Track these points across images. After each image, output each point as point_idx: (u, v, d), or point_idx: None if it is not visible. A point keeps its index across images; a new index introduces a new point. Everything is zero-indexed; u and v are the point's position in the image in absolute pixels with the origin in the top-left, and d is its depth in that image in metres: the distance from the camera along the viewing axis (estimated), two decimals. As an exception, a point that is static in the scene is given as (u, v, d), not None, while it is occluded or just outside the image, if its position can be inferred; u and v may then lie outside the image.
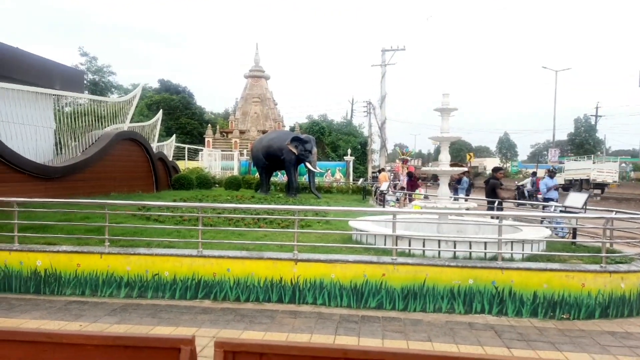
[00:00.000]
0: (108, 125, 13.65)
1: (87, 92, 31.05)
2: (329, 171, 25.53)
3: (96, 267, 5.64)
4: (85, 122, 12.58)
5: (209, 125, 37.28)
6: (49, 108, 11.70)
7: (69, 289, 5.65)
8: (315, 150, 16.16)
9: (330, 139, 38.46)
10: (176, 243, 6.14)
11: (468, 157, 42.37)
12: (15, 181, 8.99)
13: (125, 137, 13.66)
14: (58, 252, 5.72)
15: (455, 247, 5.86)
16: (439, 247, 5.86)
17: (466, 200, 11.07)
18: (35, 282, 5.69)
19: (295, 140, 15.49)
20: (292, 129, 36.83)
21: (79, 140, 12.25)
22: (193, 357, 1.80)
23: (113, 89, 41.51)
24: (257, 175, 20.01)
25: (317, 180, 17.59)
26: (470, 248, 5.82)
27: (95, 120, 12.98)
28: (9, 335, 1.88)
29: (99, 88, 39.05)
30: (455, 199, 10.43)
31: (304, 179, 21.67)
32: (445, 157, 7.30)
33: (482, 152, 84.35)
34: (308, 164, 15.73)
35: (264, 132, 34.02)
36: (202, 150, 29.65)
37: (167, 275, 5.57)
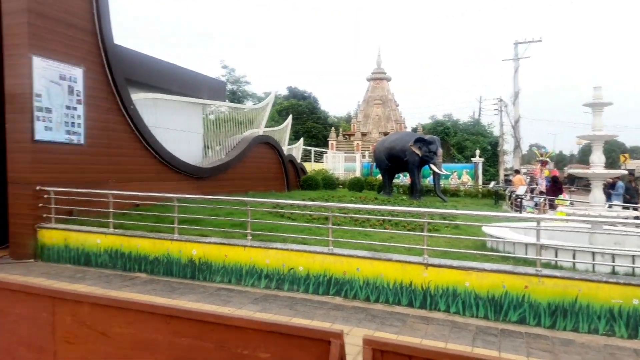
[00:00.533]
0: (246, 130, 14.97)
1: (227, 100, 34.44)
2: (455, 173, 24.40)
3: (240, 258, 6.20)
4: (226, 128, 13.99)
5: (333, 128, 38.48)
6: (199, 116, 13.26)
7: (218, 276, 6.30)
8: (440, 151, 15.60)
9: (456, 139, 36.72)
10: (308, 240, 6.43)
11: (622, 158, 36.71)
12: (174, 180, 10.37)
13: (261, 141, 14.83)
14: (209, 243, 6.43)
15: (613, 261, 5.11)
16: (593, 260, 5.17)
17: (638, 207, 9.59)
18: (191, 269, 6.47)
19: (419, 141, 15.13)
20: (415, 130, 36.10)
21: (222, 144, 13.66)
22: (342, 351, 1.85)
23: (248, 97, 45.38)
24: (379, 176, 20.03)
25: (442, 182, 16.92)
26: (634, 263, 5.01)
27: (234, 126, 14.35)
28: (184, 314, 2.15)
29: (236, 97, 43.02)
30: (609, 206, 9.11)
31: (428, 181, 21.04)
32: (598, 158, 6.44)
33: (639, 153, 72.44)
34: (433, 166, 15.25)
35: (385, 133, 33.94)
36: (326, 152, 30.72)
37: (301, 270, 5.87)
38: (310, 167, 25.05)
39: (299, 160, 21.12)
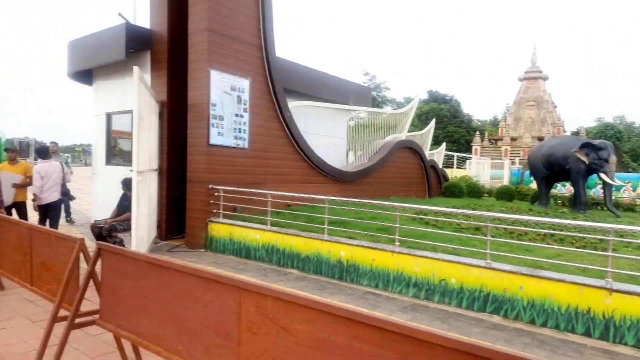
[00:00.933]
0: (388, 135, 14.94)
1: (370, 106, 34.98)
2: (629, 184, 20.81)
3: (388, 264, 6.13)
4: (368, 132, 14.14)
5: (477, 132, 36.25)
6: (344, 121, 13.66)
7: (365, 280, 6.34)
8: (613, 158, 13.53)
9: (630, 145, 31.45)
10: (461, 251, 6.05)
11: None
12: (321, 183, 10.84)
13: (403, 146, 14.65)
14: (357, 245, 6.50)
15: None
16: None
17: None
18: (340, 270, 6.63)
19: (586, 146, 13.32)
20: (576, 134, 31.93)
21: (364, 149, 13.85)
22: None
23: (387, 103, 45.51)
24: (532, 185, 18.26)
25: (613, 195, 14.58)
26: None
27: (376, 131, 14.43)
28: (365, 319, 2.11)
29: (376, 102, 43.49)
30: None
31: (592, 192, 18.53)
32: None
33: None
34: (603, 175, 13.32)
35: (540, 138, 30.76)
36: (469, 158, 29.05)
37: (454, 283, 5.55)
38: (452, 173, 23.93)
39: (440, 166, 20.33)
